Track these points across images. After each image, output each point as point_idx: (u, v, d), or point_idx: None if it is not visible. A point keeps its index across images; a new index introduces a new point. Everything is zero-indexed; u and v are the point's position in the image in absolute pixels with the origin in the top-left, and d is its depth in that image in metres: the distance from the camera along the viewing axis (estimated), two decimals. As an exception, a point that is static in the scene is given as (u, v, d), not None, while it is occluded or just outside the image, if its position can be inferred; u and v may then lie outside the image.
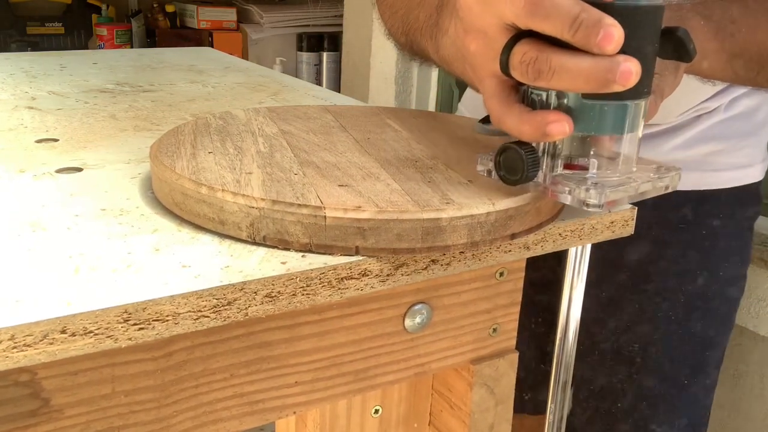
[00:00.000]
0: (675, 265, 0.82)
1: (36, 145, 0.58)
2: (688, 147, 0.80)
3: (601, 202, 0.41)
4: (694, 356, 0.84)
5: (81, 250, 0.38)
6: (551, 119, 0.40)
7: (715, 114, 0.80)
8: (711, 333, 0.84)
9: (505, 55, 0.41)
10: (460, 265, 0.43)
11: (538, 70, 0.39)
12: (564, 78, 0.39)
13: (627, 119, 0.41)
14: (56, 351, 0.32)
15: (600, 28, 0.37)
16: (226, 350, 0.42)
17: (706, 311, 0.83)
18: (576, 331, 0.62)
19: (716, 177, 0.81)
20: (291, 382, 0.45)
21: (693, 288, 0.82)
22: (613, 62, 0.38)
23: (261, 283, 0.37)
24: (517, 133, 0.42)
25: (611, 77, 0.38)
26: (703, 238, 0.82)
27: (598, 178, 0.42)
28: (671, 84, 0.52)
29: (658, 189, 0.44)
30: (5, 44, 2.48)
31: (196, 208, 0.42)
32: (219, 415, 0.43)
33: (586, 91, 0.40)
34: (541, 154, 0.43)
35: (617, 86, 0.38)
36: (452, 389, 0.55)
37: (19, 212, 0.43)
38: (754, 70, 0.58)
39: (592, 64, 0.38)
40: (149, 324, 0.34)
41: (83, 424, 0.38)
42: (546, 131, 0.40)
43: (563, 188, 0.42)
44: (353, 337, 0.46)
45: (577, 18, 0.38)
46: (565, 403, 0.65)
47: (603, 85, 0.38)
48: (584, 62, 0.38)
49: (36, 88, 0.80)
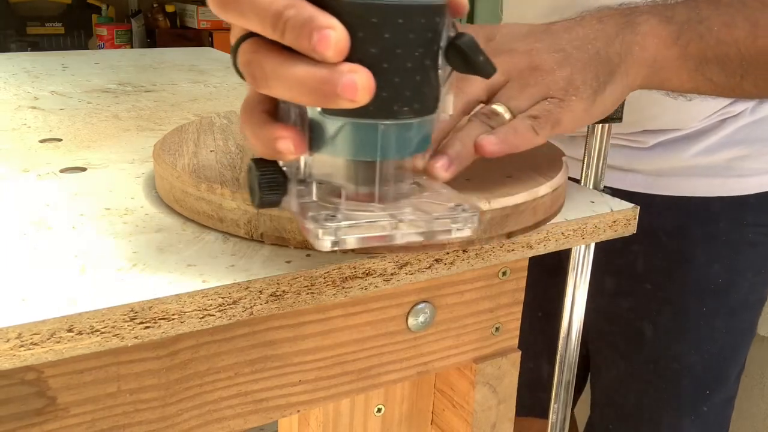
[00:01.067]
0: (697, 273, 0.79)
1: (40, 145, 0.58)
2: (711, 152, 0.76)
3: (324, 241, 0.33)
4: (716, 367, 0.82)
5: (86, 249, 0.39)
6: (278, 135, 0.34)
7: (740, 118, 0.76)
8: (733, 343, 0.82)
9: (233, 56, 0.35)
10: (464, 264, 0.43)
11: (252, 75, 0.33)
12: (280, 87, 0.32)
13: (379, 142, 0.34)
14: (63, 349, 0.32)
15: (312, 29, 0.30)
16: (230, 349, 0.42)
17: (728, 320, 0.81)
18: (579, 332, 0.63)
19: (741, 183, 0.77)
20: (295, 380, 0.45)
21: (716, 297, 0.80)
22: (334, 72, 0.31)
23: (266, 282, 0.37)
24: (254, 149, 0.36)
25: (330, 90, 0.31)
26: (727, 246, 0.79)
27: (347, 213, 0.34)
28: (578, 112, 0.45)
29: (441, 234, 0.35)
30: (5, 44, 2.48)
31: (196, 206, 0.43)
32: (223, 413, 0.43)
33: (310, 104, 0.33)
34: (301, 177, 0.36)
35: (344, 101, 0.31)
36: (455, 388, 0.55)
37: (23, 212, 0.44)
38: (736, 75, 0.49)
39: (307, 73, 0.31)
40: (155, 323, 0.34)
41: (89, 423, 0.39)
42: (275, 148, 0.34)
43: (305, 220, 0.34)
44: (357, 336, 0.46)
45: (281, 15, 0.31)
46: (568, 404, 0.65)
47: (326, 99, 0.31)
48: (299, 70, 0.31)
49: (38, 88, 0.80)
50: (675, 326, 0.81)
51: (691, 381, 0.82)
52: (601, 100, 0.46)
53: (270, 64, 0.32)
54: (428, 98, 0.35)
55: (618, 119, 0.55)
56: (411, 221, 0.35)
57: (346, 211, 0.35)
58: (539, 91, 0.45)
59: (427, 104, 0.35)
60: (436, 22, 0.33)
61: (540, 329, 0.85)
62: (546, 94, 0.45)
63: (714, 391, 0.82)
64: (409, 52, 0.33)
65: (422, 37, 0.33)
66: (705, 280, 0.79)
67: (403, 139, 0.34)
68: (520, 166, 0.49)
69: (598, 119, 0.48)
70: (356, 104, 0.31)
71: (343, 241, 0.34)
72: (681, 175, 0.78)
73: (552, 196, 0.46)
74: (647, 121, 0.76)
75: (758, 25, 0.48)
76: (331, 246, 0.33)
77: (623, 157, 0.79)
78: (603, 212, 0.49)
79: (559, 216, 0.48)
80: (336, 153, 0.34)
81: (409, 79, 0.33)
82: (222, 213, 0.42)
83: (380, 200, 0.36)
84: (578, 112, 0.45)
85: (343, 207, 0.35)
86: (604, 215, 0.49)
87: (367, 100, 0.31)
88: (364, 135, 0.34)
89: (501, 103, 0.44)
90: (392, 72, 0.33)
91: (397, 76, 0.33)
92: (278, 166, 0.36)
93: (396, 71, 0.33)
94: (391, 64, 0.32)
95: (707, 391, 0.82)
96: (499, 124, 0.43)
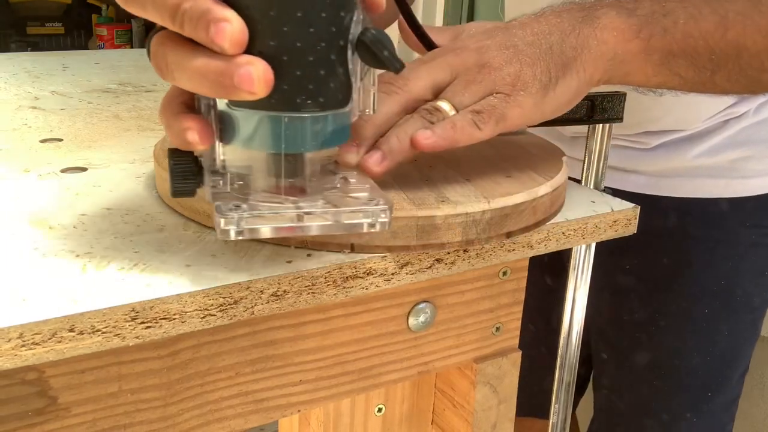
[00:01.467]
0: (701, 274, 0.79)
1: (40, 145, 0.58)
2: (714, 153, 0.76)
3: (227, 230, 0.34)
4: (718, 369, 0.81)
5: (87, 249, 0.39)
6: (186, 126, 0.34)
7: (743, 119, 0.75)
8: (735, 345, 0.81)
9: (147, 48, 0.36)
10: (464, 264, 0.43)
11: (158, 66, 0.34)
12: (182, 78, 0.33)
13: (283, 134, 0.34)
14: (64, 349, 0.32)
15: (209, 22, 0.31)
16: (231, 349, 0.42)
17: (731, 322, 0.80)
18: (580, 333, 0.63)
19: (744, 184, 0.77)
20: (296, 380, 0.45)
21: (718, 299, 0.79)
22: (231, 64, 0.32)
23: (267, 282, 0.37)
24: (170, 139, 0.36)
25: (228, 81, 0.32)
26: (730, 247, 0.78)
27: (253, 203, 0.36)
28: (527, 108, 0.44)
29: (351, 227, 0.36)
30: (5, 44, 2.48)
31: (196, 206, 0.43)
32: (224, 413, 0.43)
33: (211, 95, 0.34)
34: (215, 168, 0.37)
35: (243, 93, 0.32)
36: (455, 388, 0.55)
37: (24, 211, 0.44)
38: (707, 70, 0.48)
39: (206, 65, 0.32)
40: (156, 322, 0.34)
41: (90, 423, 0.39)
42: (184, 138, 0.35)
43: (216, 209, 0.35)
44: (357, 335, 0.46)
45: (179, 7, 0.32)
46: (569, 404, 0.65)
47: (225, 90, 0.32)
48: (199, 62, 0.32)
49: (39, 88, 0.81)
50: (677, 328, 0.80)
51: (692, 382, 0.81)
52: (553, 96, 0.45)
53: (173, 56, 0.33)
54: (335, 92, 0.35)
55: (618, 119, 0.55)
56: (318, 214, 0.36)
57: (253, 202, 0.36)
58: (485, 87, 0.44)
59: (335, 98, 0.35)
60: (341, 17, 0.34)
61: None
62: (492, 90, 0.44)
63: (716, 393, 0.82)
64: (311, 45, 0.33)
65: (324, 31, 0.33)
66: (707, 282, 0.79)
67: (309, 132, 0.35)
68: (519, 166, 0.49)
69: (554, 115, 0.47)
70: (255, 96, 0.32)
71: (246, 231, 0.34)
72: (684, 176, 0.77)
73: (552, 196, 0.46)
74: (649, 122, 0.75)
75: (727, 18, 0.46)
76: (235, 235, 0.34)
77: (626, 157, 0.79)
78: (603, 212, 0.49)
79: (559, 216, 0.48)
80: (244, 145, 0.35)
81: (311, 73, 0.34)
82: None
83: (294, 192, 0.37)
84: (527, 107, 0.44)
85: (252, 198, 0.36)
86: (605, 215, 0.49)
87: (265, 92, 0.32)
88: (268, 127, 0.34)
89: (446, 99, 0.44)
90: (293, 65, 0.33)
91: (298, 69, 0.33)
92: (194, 156, 0.37)
93: (297, 64, 0.33)
94: (291, 57, 0.33)
95: (709, 392, 0.82)
96: (441, 120, 0.43)
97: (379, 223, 0.36)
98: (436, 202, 0.41)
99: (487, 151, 0.53)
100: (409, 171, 0.47)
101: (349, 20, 0.34)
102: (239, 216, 0.34)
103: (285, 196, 0.37)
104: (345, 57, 0.35)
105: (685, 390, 0.82)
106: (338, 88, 0.35)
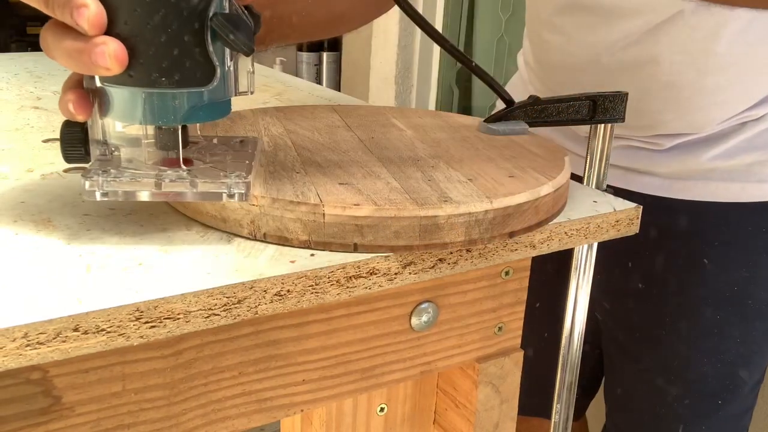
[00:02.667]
0: (713, 280, 0.77)
1: (43, 145, 0.58)
2: (730, 156, 0.74)
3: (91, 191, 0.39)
4: (729, 377, 0.80)
5: (91, 248, 0.39)
6: (67, 98, 0.39)
7: (761, 122, 0.74)
8: (747, 352, 0.79)
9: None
10: (467, 264, 0.43)
11: (44, 46, 0.38)
12: (58, 57, 0.38)
13: (140, 108, 0.38)
14: (69, 349, 0.33)
15: (72, 7, 0.35)
16: (234, 348, 0.42)
17: (743, 329, 0.79)
18: (582, 333, 0.63)
19: (761, 188, 0.75)
20: (299, 380, 0.45)
21: (731, 305, 0.78)
22: (89, 44, 0.36)
23: (271, 282, 0.37)
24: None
25: (86, 59, 0.36)
26: (745, 252, 0.77)
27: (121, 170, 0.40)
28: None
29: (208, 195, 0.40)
30: (5, 44, 2.48)
31: (199, 206, 0.43)
32: (228, 413, 0.43)
33: (79, 71, 0.38)
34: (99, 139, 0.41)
35: (100, 69, 0.36)
36: (457, 388, 0.55)
37: (28, 211, 0.44)
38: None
39: (72, 46, 0.36)
40: (161, 322, 0.34)
41: (94, 422, 0.39)
42: (68, 109, 0.39)
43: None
44: (360, 335, 0.46)
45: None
46: (571, 404, 0.65)
47: (87, 67, 0.36)
48: (66, 43, 0.37)
49: (41, 88, 0.81)
50: (687, 333, 0.79)
51: (702, 389, 0.80)
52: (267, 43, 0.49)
53: (51, 38, 0.38)
54: (192, 71, 0.38)
55: (620, 119, 0.55)
56: (178, 182, 0.40)
57: (122, 168, 0.40)
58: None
59: (191, 77, 0.38)
60: (195, 2, 0.37)
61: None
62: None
63: (726, 402, 0.80)
64: (162, 26, 0.37)
65: (175, 14, 0.37)
66: (720, 287, 0.77)
67: (167, 107, 0.38)
68: (522, 165, 0.49)
69: None
70: (111, 72, 0.36)
71: (107, 193, 0.39)
72: (699, 179, 0.76)
73: (554, 196, 0.47)
74: (661, 125, 0.74)
75: None
76: (100, 197, 0.39)
77: (639, 159, 0.78)
78: (606, 212, 0.49)
79: (562, 215, 0.48)
80: (116, 117, 0.40)
81: (164, 52, 0.37)
82: (225, 213, 0.42)
83: (171, 164, 0.41)
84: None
85: (122, 166, 0.41)
86: (607, 215, 0.49)
87: (119, 69, 0.36)
88: (130, 102, 0.38)
89: None
90: (146, 44, 0.37)
91: (151, 48, 0.37)
92: (84, 127, 0.41)
93: (150, 44, 0.37)
94: (143, 37, 0.37)
95: (719, 401, 0.80)
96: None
97: (237, 194, 0.40)
98: (439, 202, 0.41)
99: (490, 151, 0.53)
100: (412, 171, 0.47)
101: (204, 4, 0.37)
102: (103, 180, 0.39)
103: (162, 167, 0.41)
104: (202, 38, 0.37)
105: (695, 397, 0.80)
106: (196, 67, 0.38)
